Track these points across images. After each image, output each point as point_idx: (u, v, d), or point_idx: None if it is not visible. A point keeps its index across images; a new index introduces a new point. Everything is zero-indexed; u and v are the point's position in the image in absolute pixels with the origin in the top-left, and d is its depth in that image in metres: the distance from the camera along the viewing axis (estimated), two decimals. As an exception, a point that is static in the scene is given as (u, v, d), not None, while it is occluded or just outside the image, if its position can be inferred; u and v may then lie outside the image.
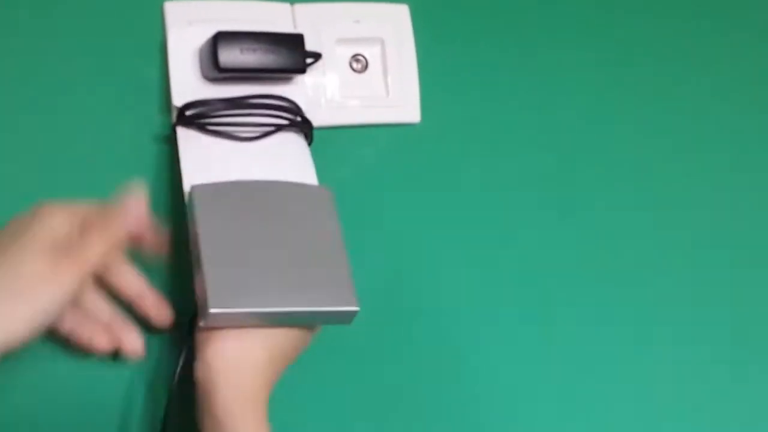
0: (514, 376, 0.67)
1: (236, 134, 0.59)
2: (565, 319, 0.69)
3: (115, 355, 0.55)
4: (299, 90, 0.62)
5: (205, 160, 0.58)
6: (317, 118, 0.64)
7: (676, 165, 0.75)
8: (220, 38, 0.57)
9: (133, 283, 0.55)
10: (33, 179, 0.59)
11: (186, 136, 0.59)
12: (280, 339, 0.52)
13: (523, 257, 0.69)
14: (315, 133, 0.62)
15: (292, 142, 0.61)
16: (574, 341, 0.69)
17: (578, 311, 0.69)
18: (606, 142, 0.73)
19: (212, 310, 0.48)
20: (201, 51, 0.60)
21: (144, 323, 0.56)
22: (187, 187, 0.55)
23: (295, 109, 0.61)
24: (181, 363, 0.55)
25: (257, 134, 0.60)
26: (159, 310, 0.56)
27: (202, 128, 0.59)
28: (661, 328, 0.71)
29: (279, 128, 0.60)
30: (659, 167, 0.75)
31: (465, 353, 0.66)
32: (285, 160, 0.60)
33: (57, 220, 0.48)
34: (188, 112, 0.58)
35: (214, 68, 0.58)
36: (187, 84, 0.59)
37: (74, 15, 0.62)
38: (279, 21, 0.64)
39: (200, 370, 0.50)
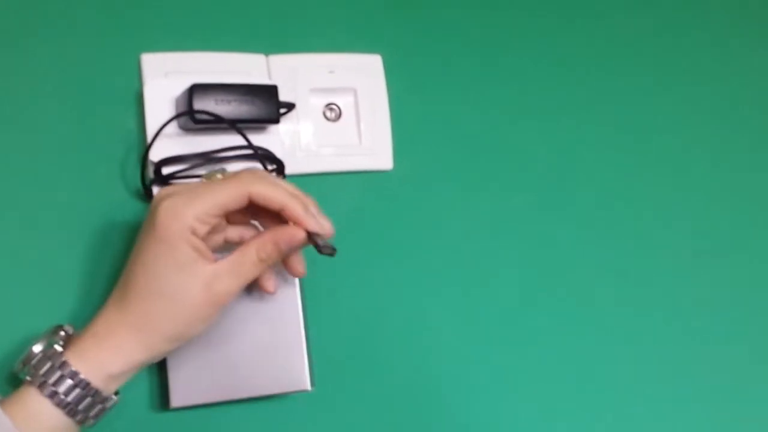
0: (491, 413, 0.68)
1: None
2: (545, 356, 0.70)
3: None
4: (274, 139, 0.64)
5: None
6: (292, 167, 0.65)
7: (648, 210, 0.77)
8: (195, 90, 0.59)
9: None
10: (8, 228, 0.59)
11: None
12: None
13: (499, 297, 0.70)
14: (290, 180, 0.63)
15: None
16: (554, 377, 0.70)
17: (557, 347, 0.70)
18: (577, 184, 0.75)
19: (173, 405, 0.56)
20: (177, 102, 0.61)
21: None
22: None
23: (269, 157, 0.62)
24: None
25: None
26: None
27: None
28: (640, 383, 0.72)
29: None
30: (632, 207, 0.76)
31: (443, 389, 0.67)
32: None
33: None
34: (164, 170, 0.59)
35: (189, 119, 0.59)
36: (164, 136, 0.60)
37: (51, 64, 0.62)
38: (254, 72, 0.66)
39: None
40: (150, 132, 0.60)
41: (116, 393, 0.52)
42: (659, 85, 0.80)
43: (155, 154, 0.59)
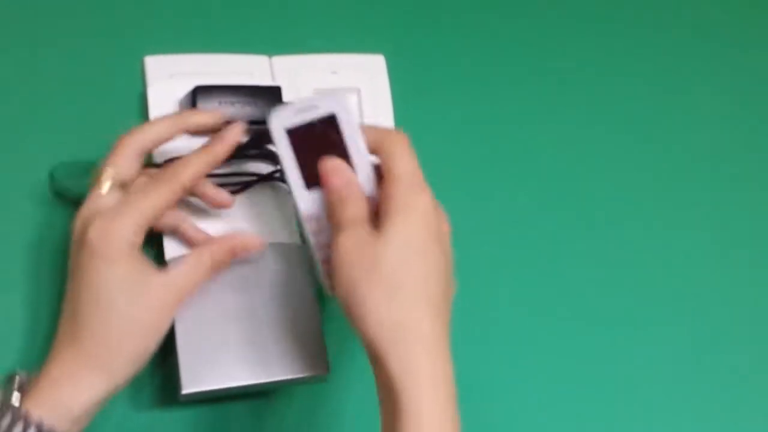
0: (495, 412, 0.67)
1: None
2: (549, 357, 0.70)
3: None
4: (278, 140, 0.63)
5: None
6: (296, 167, 0.65)
7: (657, 211, 0.77)
8: (198, 92, 0.59)
9: None
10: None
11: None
12: None
13: (505, 299, 0.70)
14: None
15: (272, 193, 0.62)
16: (557, 378, 0.69)
17: (561, 349, 0.70)
18: (584, 185, 0.75)
19: (184, 392, 0.53)
20: (181, 104, 0.61)
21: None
22: (168, 254, 0.57)
23: (274, 158, 0.62)
24: None
25: (237, 188, 0.60)
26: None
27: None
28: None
29: (259, 179, 0.61)
30: (640, 209, 0.76)
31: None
32: (266, 213, 0.61)
33: None
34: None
35: (191, 120, 0.59)
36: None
37: (54, 67, 0.63)
38: (257, 73, 0.66)
39: None
40: (154, 134, 0.60)
41: None
42: (666, 86, 0.80)
43: (159, 155, 0.59)
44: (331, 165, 0.51)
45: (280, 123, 0.51)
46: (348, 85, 0.68)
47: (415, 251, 0.48)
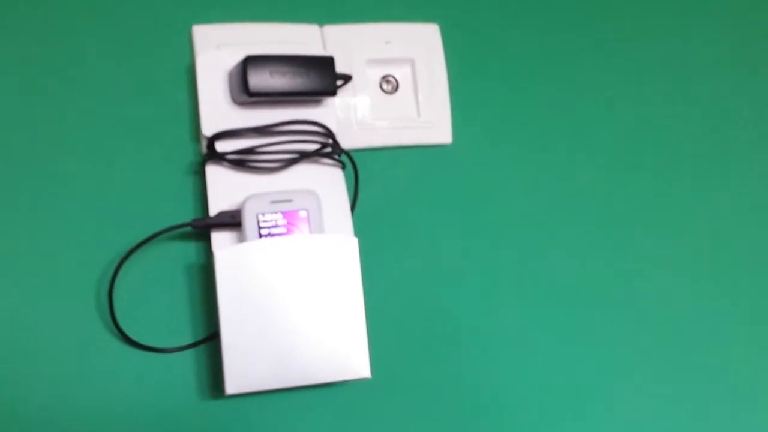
0: (544, 399, 0.66)
1: (267, 167, 0.59)
2: (604, 340, 0.68)
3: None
4: (330, 112, 0.62)
5: (234, 200, 0.58)
6: (348, 140, 0.63)
7: (713, 192, 0.74)
8: (249, 62, 0.57)
9: None
10: (62, 208, 0.58)
11: (215, 175, 0.59)
12: None
13: (559, 274, 0.68)
14: (346, 154, 0.62)
15: (324, 168, 0.61)
16: (611, 363, 0.67)
17: (613, 332, 0.68)
18: (643, 160, 0.72)
19: (228, 392, 0.54)
20: (230, 75, 0.60)
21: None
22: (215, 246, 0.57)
23: (326, 133, 0.61)
24: None
25: (288, 163, 0.59)
26: None
27: (233, 164, 0.58)
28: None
29: (311, 154, 0.60)
30: (701, 188, 0.73)
31: (502, 373, 0.65)
32: (318, 190, 0.59)
33: None
34: (218, 144, 0.58)
35: (243, 93, 0.57)
36: (217, 110, 0.59)
37: (101, 38, 0.62)
38: (308, 43, 0.64)
39: None
40: (203, 108, 0.59)
41: None
42: (727, 74, 0.77)
43: (207, 128, 0.58)
44: None
45: (253, 208, 0.56)
46: (401, 56, 0.66)
47: None
